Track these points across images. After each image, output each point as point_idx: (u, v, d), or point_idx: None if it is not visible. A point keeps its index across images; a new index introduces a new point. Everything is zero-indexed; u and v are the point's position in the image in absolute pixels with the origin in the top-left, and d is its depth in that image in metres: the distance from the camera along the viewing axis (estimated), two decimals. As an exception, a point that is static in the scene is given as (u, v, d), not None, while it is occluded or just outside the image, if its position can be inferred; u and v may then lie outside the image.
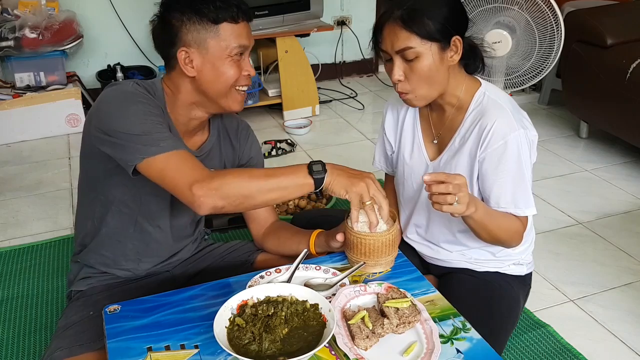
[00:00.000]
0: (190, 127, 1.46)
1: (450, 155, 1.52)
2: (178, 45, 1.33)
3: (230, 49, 1.33)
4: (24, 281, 2.21)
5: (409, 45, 1.37)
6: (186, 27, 1.31)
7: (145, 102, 1.32)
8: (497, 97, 1.46)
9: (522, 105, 3.83)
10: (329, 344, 1.16)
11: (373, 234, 1.38)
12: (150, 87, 1.39)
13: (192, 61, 1.33)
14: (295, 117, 3.67)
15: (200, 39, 1.32)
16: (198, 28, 1.31)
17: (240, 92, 1.40)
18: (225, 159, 1.58)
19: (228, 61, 1.34)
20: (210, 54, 1.33)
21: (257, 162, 1.66)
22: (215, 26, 1.31)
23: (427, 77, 1.40)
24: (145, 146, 1.25)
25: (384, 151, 1.74)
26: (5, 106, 3.33)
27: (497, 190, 1.44)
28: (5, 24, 3.32)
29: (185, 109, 1.41)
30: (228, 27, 1.32)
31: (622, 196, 2.79)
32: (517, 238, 1.49)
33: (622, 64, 2.89)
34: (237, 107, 1.42)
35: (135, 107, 1.29)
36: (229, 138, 1.59)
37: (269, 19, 3.41)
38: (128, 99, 1.31)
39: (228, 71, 1.34)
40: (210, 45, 1.32)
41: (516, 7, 2.93)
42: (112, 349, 1.19)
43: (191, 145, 1.48)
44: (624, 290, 2.15)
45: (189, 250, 1.68)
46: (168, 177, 1.25)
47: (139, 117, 1.28)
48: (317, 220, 1.92)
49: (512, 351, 1.85)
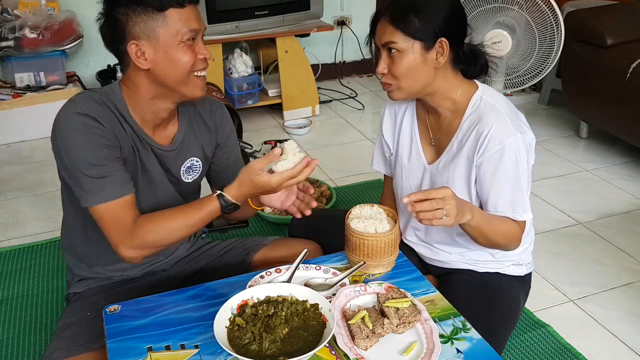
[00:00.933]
0: (159, 120, 1.43)
1: (448, 159, 1.52)
2: (127, 39, 1.30)
3: (182, 35, 1.30)
4: (24, 281, 2.21)
5: (391, 40, 1.40)
6: (132, 19, 1.29)
7: (92, 133, 1.31)
8: (494, 101, 1.46)
9: (522, 105, 3.86)
10: (329, 344, 1.16)
11: (375, 234, 1.38)
12: (106, 96, 1.37)
13: (144, 53, 1.31)
14: (295, 117, 3.67)
15: (148, 30, 1.29)
16: (144, 19, 1.28)
17: (199, 77, 1.37)
18: (202, 144, 1.55)
19: (181, 47, 1.31)
20: (162, 43, 1.30)
21: (231, 144, 1.63)
22: (162, 13, 1.28)
23: (407, 73, 1.42)
24: (87, 194, 1.32)
25: (383, 153, 1.74)
26: (5, 106, 3.33)
27: (495, 194, 1.44)
28: (5, 24, 3.32)
29: (148, 105, 1.39)
30: (175, 13, 1.29)
31: (622, 196, 2.79)
32: (516, 242, 1.49)
33: (622, 64, 2.89)
34: (199, 92, 1.39)
35: (82, 147, 1.30)
36: (203, 122, 1.55)
37: (269, 19, 3.41)
38: (77, 135, 1.31)
39: (182, 57, 1.31)
40: (160, 34, 1.29)
41: (516, 7, 2.93)
42: (112, 349, 1.19)
43: (163, 140, 1.47)
44: (624, 290, 2.15)
45: (185, 248, 1.68)
46: (103, 228, 1.35)
47: (86, 156, 1.30)
48: (317, 220, 1.92)
49: (512, 351, 1.85)
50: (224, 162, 1.62)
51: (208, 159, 1.59)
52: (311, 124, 3.59)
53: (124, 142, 1.38)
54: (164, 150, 1.47)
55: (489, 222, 1.41)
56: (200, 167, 1.57)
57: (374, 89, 4.25)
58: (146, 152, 1.44)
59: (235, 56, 3.46)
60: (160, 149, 1.46)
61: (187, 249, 1.70)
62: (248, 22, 3.34)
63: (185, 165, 1.53)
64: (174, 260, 1.66)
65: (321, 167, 3.11)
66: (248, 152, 3.22)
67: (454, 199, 1.29)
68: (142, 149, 1.43)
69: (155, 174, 1.47)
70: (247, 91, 3.52)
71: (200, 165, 1.57)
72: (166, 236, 1.36)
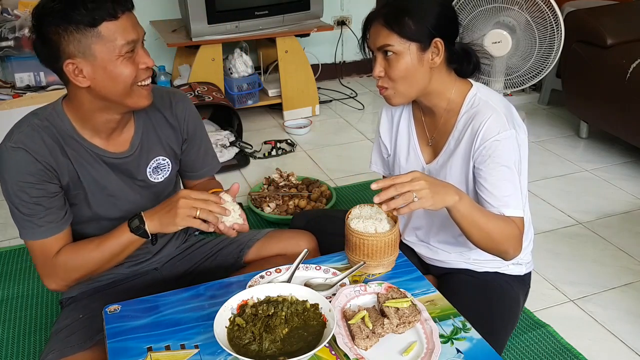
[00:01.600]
0: (111, 127, 1.39)
1: (445, 158, 1.52)
2: (63, 58, 1.23)
3: (119, 49, 1.23)
4: (24, 281, 2.21)
5: (387, 43, 1.40)
6: (65, 38, 1.21)
7: (24, 172, 1.30)
8: (489, 98, 1.46)
9: (522, 105, 3.86)
10: (329, 344, 1.16)
11: (375, 234, 1.38)
12: (48, 118, 1.35)
13: (82, 71, 1.24)
14: (295, 117, 3.67)
15: (83, 47, 1.21)
16: (77, 37, 1.20)
17: (143, 87, 1.31)
18: (167, 141, 1.51)
19: (120, 61, 1.24)
20: (99, 60, 1.23)
21: (200, 136, 1.57)
22: (95, 29, 1.20)
23: (404, 75, 1.42)
24: (19, 227, 1.36)
25: (380, 154, 1.74)
26: (5, 106, 3.32)
27: (489, 188, 1.42)
28: (5, 24, 3.32)
29: (94, 118, 1.34)
30: (109, 26, 1.21)
31: (622, 196, 2.79)
32: (514, 243, 1.42)
33: (622, 64, 2.89)
34: (144, 102, 1.33)
35: (13, 186, 1.31)
36: (164, 119, 1.49)
37: (269, 19, 3.41)
38: (9, 173, 1.30)
39: (123, 71, 1.25)
40: (96, 50, 1.22)
41: (516, 7, 2.93)
42: (112, 349, 1.19)
43: (120, 146, 1.42)
44: (624, 290, 2.15)
45: (174, 245, 1.66)
46: (32, 259, 1.39)
47: (17, 194, 1.31)
48: (317, 220, 1.93)
49: (512, 351, 1.85)
50: (193, 155, 1.58)
51: (177, 155, 1.55)
52: (311, 124, 3.59)
53: (62, 170, 1.35)
54: (121, 157, 1.42)
55: (482, 213, 1.36)
56: (169, 164, 1.53)
57: (374, 89, 4.24)
58: (100, 167, 1.40)
59: (235, 56, 3.46)
60: (117, 157, 1.42)
61: (177, 247, 1.68)
62: (248, 22, 3.34)
63: (151, 166, 1.49)
64: (165, 259, 1.64)
65: (321, 167, 3.11)
66: (248, 152, 3.22)
67: (424, 178, 1.26)
68: (93, 166, 1.39)
69: (115, 186, 1.43)
70: (247, 91, 3.52)
71: (168, 163, 1.52)
72: (85, 266, 1.36)
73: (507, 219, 1.41)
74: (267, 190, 2.72)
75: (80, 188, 1.40)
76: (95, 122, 1.36)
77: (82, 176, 1.39)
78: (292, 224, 1.97)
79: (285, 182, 2.79)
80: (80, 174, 1.38)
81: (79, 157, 1.37)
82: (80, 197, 1.41)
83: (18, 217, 1.34)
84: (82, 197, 1.41)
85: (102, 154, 1.40)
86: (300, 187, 2.74)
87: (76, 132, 1.37)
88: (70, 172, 1.37)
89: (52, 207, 1.34)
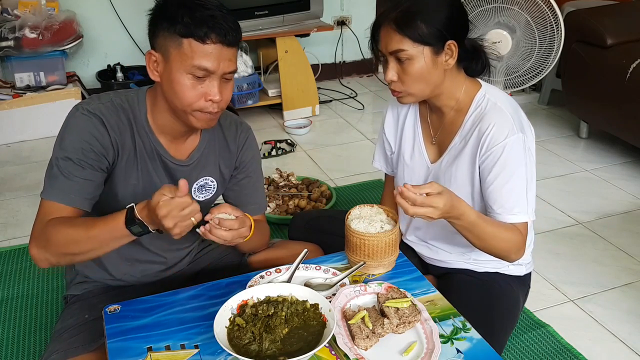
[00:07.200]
0: (177, 133, 1.42)
1: (450, 158, 1.52)
2: (151, 46, 1.32)
3: (189, 68, 1.26)
4: (24, 281, 2.21)
5: (401, 48, 1.38)
6: (159, 30, 1.29)
7: (89, 133, 1.30)
8: (498, 100, 1.46)
9: (522, 105, 3.82)
10: (329, 344, 1.16)
11: (375, 234, 1.38)
12: (129, 101, 1.37)
13: (157, 65, 1.31)
14: (295, 117, 3.67)
15: (165, 46, 1.28)
16: (166, 35, 1.27)
17: (204, 113, 1.33)
18: (221, 164, 1.53)
19: (187, 78, 1.27)
20: (170, 63, 1.28)
21: (252, 169, 1.59)
22: (179, 39, 1.26)
23: (419, 79, 1.41)
24: (46, 186, 1.33)
25: (384, 151, 1.74)
26: (5, 106, 3.33)
27: (494, 194, 1.43)
28: (5, 24, 3.32)
29: (164, 117, 1.38)
30: (192, 44, 1.25)
31: (622, 196, 2.79)
32: (516, 249, 1.42)
33: (622, 64, 2.89)
34: (203, 125, 1.36)
35: (71, 139, 1.31)
36: (226, 142, 1.53)
37: (269, 19, 3.41)
38: (74, 129, 1.31)
39: (185, 90, 1.28)
40: (172, 54, 1.27)
41: (516, 7, 2.93)
42: (112, 349, 1.19)
43: (181, 154, 1.45)
44: (624, 290, 2.15)
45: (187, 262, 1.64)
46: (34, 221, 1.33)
47: (70, 148, 1.31)
48: (317, 220, 1.93)
49: (512, 351, 1.85)
50: (242, 185, 1.58)
51: (225, 180, 1.56)
52: (311, 124, 3.59)
53: (124, 151, 1.36)
54: (178, 164, 1.44)
55: (482, 226, 1.36)
56: (215, 187, 1.53)
57: (374, 89, 4.25)
58: (154, 164, 1.41)
59: (235, 56, 3.45)
60: (175, 162, 1.43)
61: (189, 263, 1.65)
62: (248, 22, 3.34)
63: (198, 183, 1.50)
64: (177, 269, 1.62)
65: (321, 167, 3.11)
66: (248, 152, 3.22)
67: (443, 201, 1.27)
68: (151, 160, 1.41)
69: (159, 188, 1.42)
70: (247, 91, 3.52)
71: (215, 186, 1.53)
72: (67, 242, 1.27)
73: (510, 227, 1.41)
74: (267, 190, 2.73)
75: (134, 172, 1.39)
76: (163, 121, 1.39)
77: (139, 165, 1.39)
78: (292, 224, 1.97)
79: (285, 182, 2.80)
80: (138, 163, 1.39)
81: (142, 148, 1.39)
82: (119, 179, 1.39)
83: (53, 174, 1.31)
84: (121, 181, 1.39)
85: (163, 154, 1.42)
86: (300, 187, 2.74)
87: (148, 123, 1.39)
88: (129, 159, 1.38)
89: (87, 180, 1.32)
